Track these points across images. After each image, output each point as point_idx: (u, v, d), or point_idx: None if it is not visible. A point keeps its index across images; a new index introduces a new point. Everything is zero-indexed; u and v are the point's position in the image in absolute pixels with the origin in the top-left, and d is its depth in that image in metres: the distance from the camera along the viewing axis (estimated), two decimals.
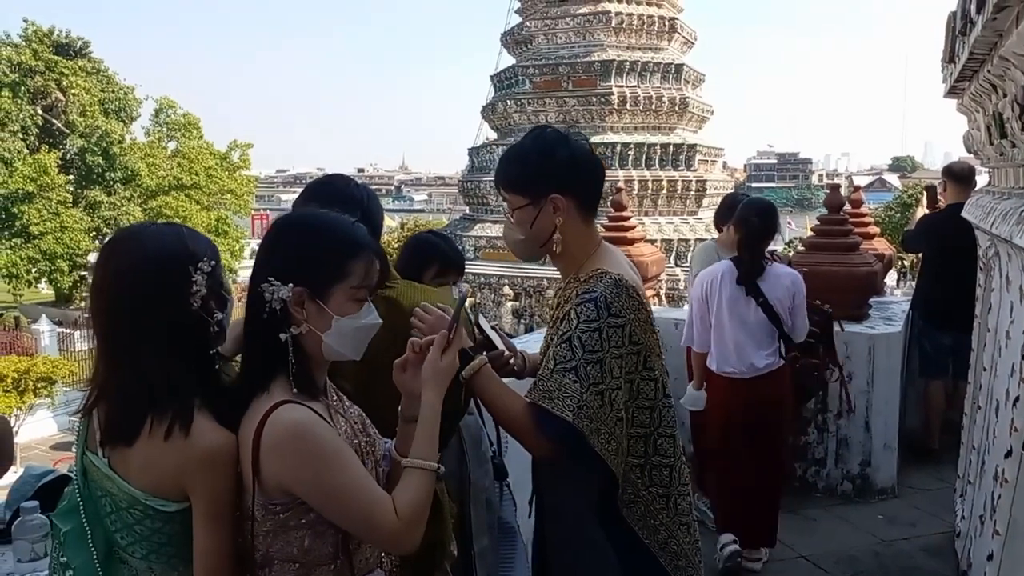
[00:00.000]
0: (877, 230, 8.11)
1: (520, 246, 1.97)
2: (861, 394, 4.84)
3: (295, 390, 1.46)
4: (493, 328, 2.13)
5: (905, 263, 23.80)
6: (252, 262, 1.58)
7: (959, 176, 5.33)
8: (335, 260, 1.49)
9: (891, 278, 21.93)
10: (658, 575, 1.90)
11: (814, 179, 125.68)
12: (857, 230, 5.95)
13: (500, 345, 2.05)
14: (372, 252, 1.55)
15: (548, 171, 1.87)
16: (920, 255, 6.36)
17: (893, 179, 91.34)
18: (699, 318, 3.91)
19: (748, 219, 3.85)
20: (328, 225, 1.55)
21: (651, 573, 1.89)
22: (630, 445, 1.84)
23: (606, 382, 1.76)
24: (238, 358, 1.60)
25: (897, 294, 14.43)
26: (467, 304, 1.92)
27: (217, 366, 1.55)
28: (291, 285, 1.44)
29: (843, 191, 6.30)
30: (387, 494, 1.46)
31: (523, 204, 1.89)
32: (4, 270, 27.62)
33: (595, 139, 17.54)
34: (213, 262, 1.47)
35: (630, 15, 18.38)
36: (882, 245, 7.51)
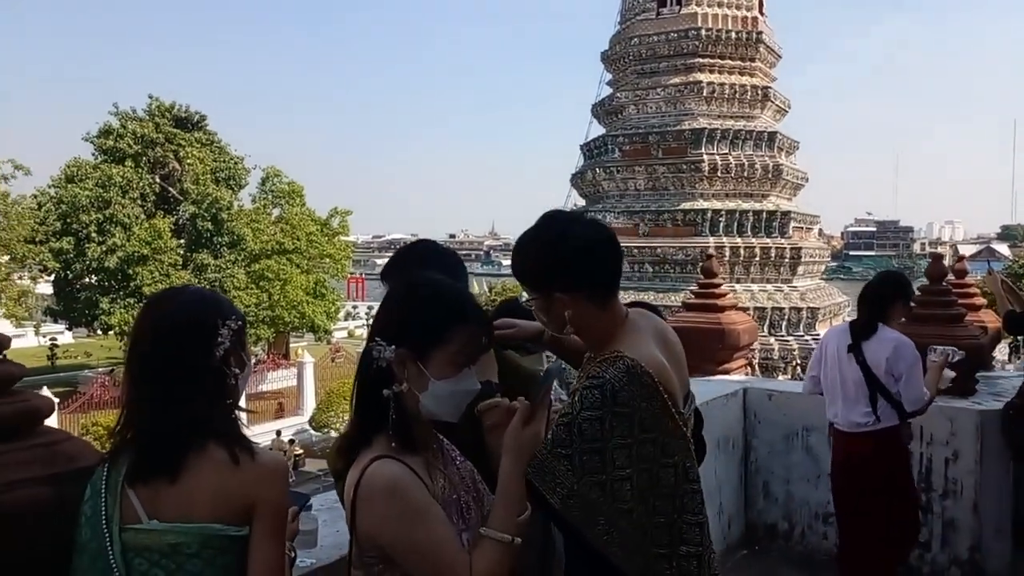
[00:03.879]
0: (984, 301, 7.75)
1: (547, 328, 1.97)
2: (969, 474, 4.58)
3: (394, 444, 1.53)
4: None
5: (1019, 337, 22.47)
6: (345, 324, 1.70)
7: None
8: (438, 325, 1.56)
9: (1002, 352, 20.73)
10: None
11: (916, 248, 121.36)
12: (961, 301, 5.72)
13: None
14: (478, 321, 1.62)
15: (548, 272, 1.82)
16: None
17: (1003, 248, 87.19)
18: (811, 368, 4.28)
19: (866, 285, 4.15)
20: (437, 291, 1.63)
21: None
22: (653, 534, 1.74)
23: (608, 472, 1.66)
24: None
25: (1010, 369, 13.61)
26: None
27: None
28: (394, 346, 1.53)
29: (947, 261, 6.08)
30: (467, 558, 1.47)
31: (535, 296, 1.86)
32: (118, 327, 29.21)
33: (685, 205, 17.51)
34: (240, 323, 1.56)
35: (721, 85, 18.40)
36: (989, 317, 7.17)
